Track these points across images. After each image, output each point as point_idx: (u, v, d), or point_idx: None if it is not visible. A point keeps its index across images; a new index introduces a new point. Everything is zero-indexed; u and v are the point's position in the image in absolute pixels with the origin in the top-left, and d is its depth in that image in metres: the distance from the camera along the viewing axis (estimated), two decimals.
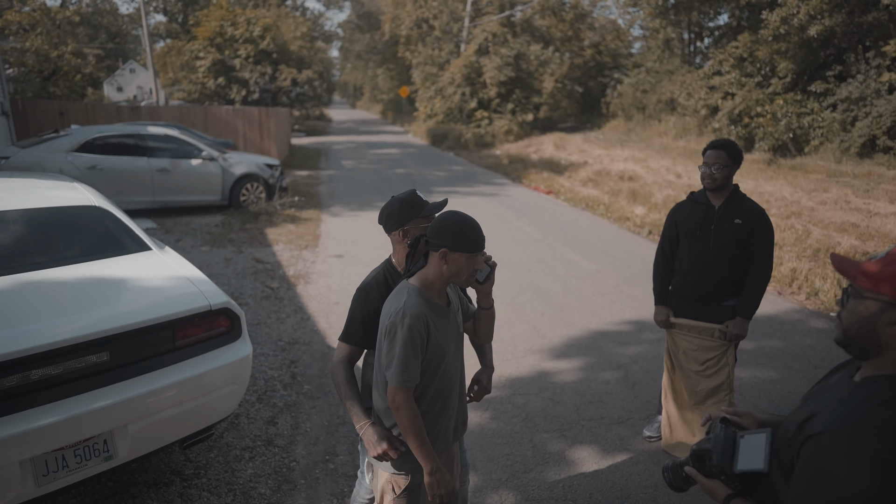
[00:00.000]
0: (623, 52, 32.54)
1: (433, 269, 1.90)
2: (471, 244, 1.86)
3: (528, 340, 5.08)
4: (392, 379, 1.85)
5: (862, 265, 1.20)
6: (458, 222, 1.86)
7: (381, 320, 1.94)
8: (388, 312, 1.89)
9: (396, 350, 1.83)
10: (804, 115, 15.80)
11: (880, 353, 1.19)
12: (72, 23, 31.94)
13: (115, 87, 60.02)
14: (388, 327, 1.85)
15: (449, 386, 2.02)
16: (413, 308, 1.84)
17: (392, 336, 1.84)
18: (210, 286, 3.02)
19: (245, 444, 3.53)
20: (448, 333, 1.98)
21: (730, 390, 3.22)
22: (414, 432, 1.87)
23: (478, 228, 1.89)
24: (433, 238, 1.87)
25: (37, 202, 3.41)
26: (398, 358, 1.83)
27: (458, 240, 1.84)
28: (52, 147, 8.69)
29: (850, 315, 1.23)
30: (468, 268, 1.88)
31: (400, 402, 1.86)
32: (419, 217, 2.10)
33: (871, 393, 1.16)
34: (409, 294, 1.88)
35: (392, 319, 1.85)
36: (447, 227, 1.85)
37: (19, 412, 2.33)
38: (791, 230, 8.79)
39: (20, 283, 2.81)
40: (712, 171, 3.03)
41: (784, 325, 5.49)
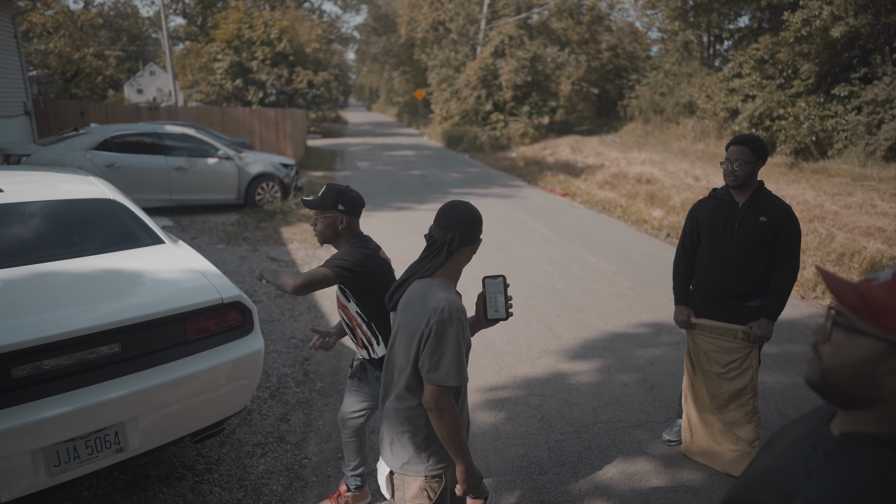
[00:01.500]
0: (641, 55, 32.29)
1: (460, 263, 1.91)
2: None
3: (544, 341, 5.00)
4: (447, 378, 1.73)
5: (861, 289, 0.86)
6: (477, 212, 1.92)
7: (408, 322, 1.81)
8: (427, 312, 1.77)
9: (448, 347, 1.74)
10: (827, 117, 15.52)
11: (875, 406, 0.87)
12: (94, 25, 32.47)
13: (136, 89, 60.87)
14: (435, 327, 1.74)
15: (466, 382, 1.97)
16: (456, 303, 1.80)
17: (441, 335, 1.74)
18: (222, 280, 2.99)
19: (257, 440, 3.49)
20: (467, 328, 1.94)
21: (753, 394, 3.12)
22: (458, 433, 1.80)
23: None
24: (469, 233, 1.87)
25: (53, 194, 3.41)
26: (451, 355, 1.74)
27: (481, 228, 1.92)
28: (72, 145, 8.77)
29: (837, 354, 0.89)
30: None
31: (445, 402, 1.76)
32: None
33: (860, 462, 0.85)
34: (444, 290, 1.83)
35: (438, 318, 1.74)
36: (477, 220, 1.90)
37: (31, 402, 2.31)
38: (814, 234, 8.61)
39: (35, 274, 2.79)
40: (734, 168, 2.94)
41: (808, 329, 5.35)
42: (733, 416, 3.19)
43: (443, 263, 1.86)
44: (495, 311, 1.95)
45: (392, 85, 55.21)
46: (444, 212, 1.88)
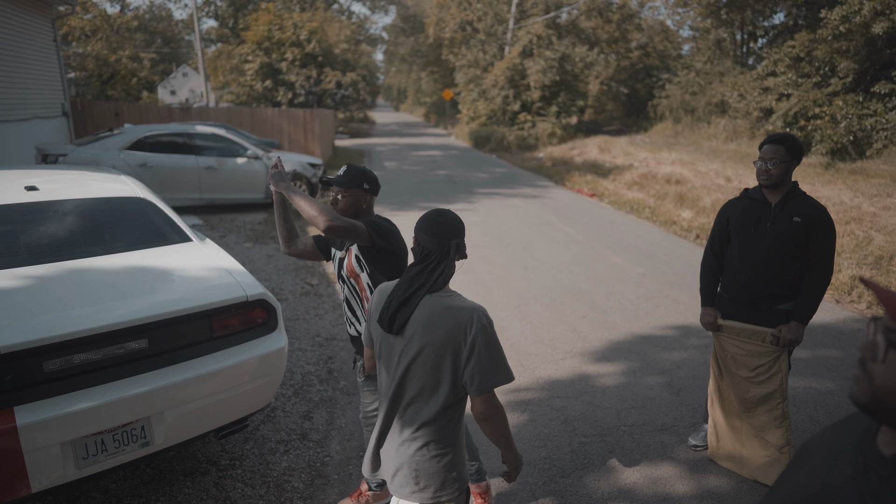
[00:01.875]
0: (671, 54, 31.78)
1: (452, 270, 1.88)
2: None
3: (569, 343, 4.95)
4: (502, 378, 1.76)
5: None
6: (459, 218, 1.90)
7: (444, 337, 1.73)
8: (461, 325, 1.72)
9: (496, 350, 1.75)
10: (866, 116, 15.04)
11: None
12: (130, 28, 33.27)
13: (169, 90, 62.20)
14: (481, 336, 1.71)
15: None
16: (482, 307, 1.81)
17: (489, 342, 1.73)
18: (248, 278, 3.02)
19: (280, 437, 3.53)
20: None
21: (783, 398, 3.04)
22: (508, 429, 1.86)
23: None
24: (461, 240, 1.86)
25: (85, 193, 3.50)
26: (499, 357, 1.76)
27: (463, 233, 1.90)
28: (106, 145, 9.00)
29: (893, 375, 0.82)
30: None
31: (498, 404, 1.80)
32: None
33: None
34: (463, 298, 1.82)
35: (476, 327, 1.71)
36: (461, 227, 1.87)
37: (61, 395, 2.37)
38: (851, 236, 8.37)
39: (65, 271, 2.87)
40: (768, 167, 2.86)
41: (842, 334, 5.20)
42: (762, 420, 3.11)
43: (453, 272, 1.83)
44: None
45: (420, 85, 55.36)
46: (433, 221, 1.82)
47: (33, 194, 3.31)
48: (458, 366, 1.74)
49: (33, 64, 11.73)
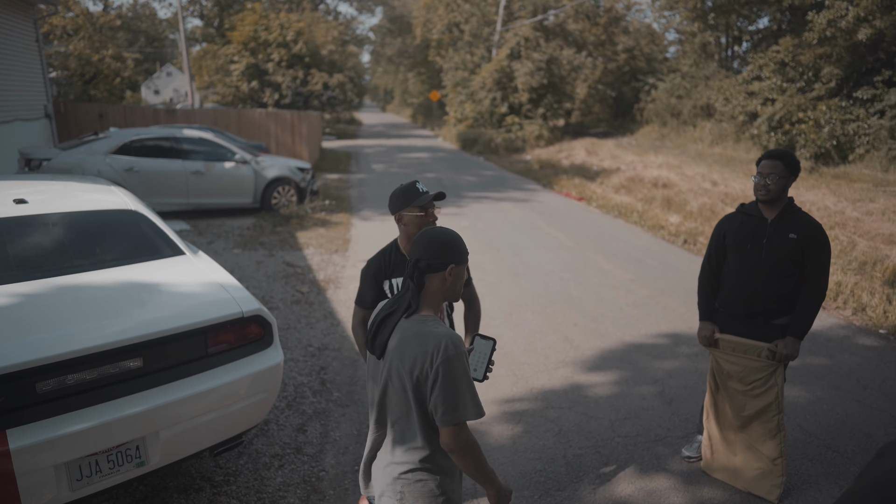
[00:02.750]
0: (658, 57, 32.05)
1: (435, 292, 1.78)
2: (466, 253, 1.84)
3: (561, 352, 4.97)
4: (467, 413, 1.65)
5: None
6: (452, 237, 1.80)
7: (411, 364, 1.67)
8: (427, 353, 1.65)
9: (461, 383, 1.65)
10: (849, 121, 15.29)
11: None
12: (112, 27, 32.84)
13: (153, 89, 61.52)
14: (442, 365, 1.63)
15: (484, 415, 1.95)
16: (454, 336, 1.70)
17: (451, 374, 1.64)
18: (242, 293, 3.00)
19: (274, 451, 3.50)
20: None
21: (778, 411, 3.07)
22: (483, 463, 1.74)
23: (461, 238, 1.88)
24: (437, 259, 1.74)
25: (75, 205, 3.44)
26: (466, 390, 1.65)
27: (458, 252, 1.79)
28: (92, 149, 8.87)
29: None
30: (463, 277, 1.84)
31: (466, 439, 1.68)
32: (412, 206, 2.42)
33: None
34: (437, 325, 1.73)
35: (443, 356, 1.63)
36: (448, 245, 1.77)
37: (55, 416, 2.33)
38: (835, 241, 8.48)
39: (58, 287, 2.82)
40: (767, 182, 2.89)
41: (829, 341, 5.27)
42: (756, 432, 3.14)
43: (417, 294, 1.75)
44: (474, 370, 1.95)
45: (407, 86, 55.32)
46: (419, 238, 1.80)
47: (22, 207, 3.25)
48: (423, 394, 1.68)
49: (14, 65, 11.54)
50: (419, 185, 2.47)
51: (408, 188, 2.46)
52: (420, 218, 2.45)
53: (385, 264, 2.56)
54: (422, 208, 2.44)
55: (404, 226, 2.50)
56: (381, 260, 2.57)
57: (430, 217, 2.48)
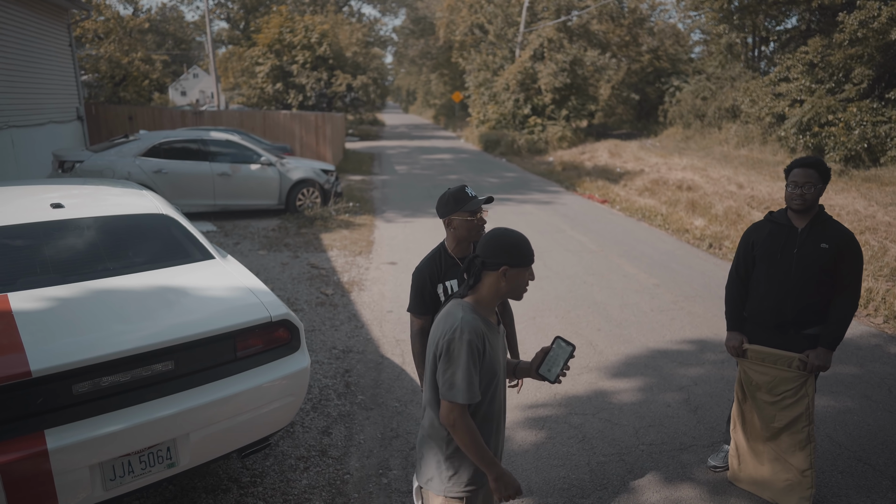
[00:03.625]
0: (682, 58, 31.66)
1: (489, 288, 1.90)
2: (527, 258, 1.90)
3: (585, 357, 4.94)
4: (457, 395, 1.79)
5: None
6: (512, 239, 1.89)
7: (434, 338, 1.89)
8: (442, 331, 1.85)
9: (459, 366, 1.79)
10: (881, 123, 14.92)
11: None
12: (142, 30, 33.49)
13: (180, 91, 62.55)
14: (446, 345, 1.81)
15: (499, 408, 1.99)
16: (471, 324, 1.83)
17: (450, 353, 1.80)
18: (270, 297, 3.04)
19: (300, 453, 3.54)
20: (498, 352, 1.96)
21: (809, 422, 3.02)
22: (476, 445, 1.84)
23: (528, 242, 1.94)
24: (490, 258, 1.87)
25: (109, 210, 3.53)
26: (462, 373, 1.79)
27: (515, 256, 1.87)
28: (122, 152, 9.07)
29: None
30: (525, 280, 1.92)
31: (456, 418, 1.81)
32: (462, 210, 2.47)
33: None
34: (465, 311, 1.87)
35: (449, 336, 1.81)
36: (503, 245, 1.87)
37: (90, 418, 2.39)
38: (866, 247, 8.30)
39: (92, 291, 2.90)
40: (803, 192, 2.84)
41: (860, 350, 5.16)
42: (786, 443, 3.10)
43: (470, 287, 1.91)
44: (548, 370, 2.04)
45: (429, 87, 55.46)
46: (483, 236, 1.92)
47: (59, 212, 3.35)
48: (435, 367, 1.88)
49: (49, 68, 11.84)
50: (468, 190, 2.52)
51: (457, 193, 2.50)
52: (469, 222, 2.50)
53: (436, 268, 2.60)
54: (471, 213, 2.48)
55: (454, 229, 2.55)
56: (432, 264, 2.61)
57: (478, 221, 2.52)
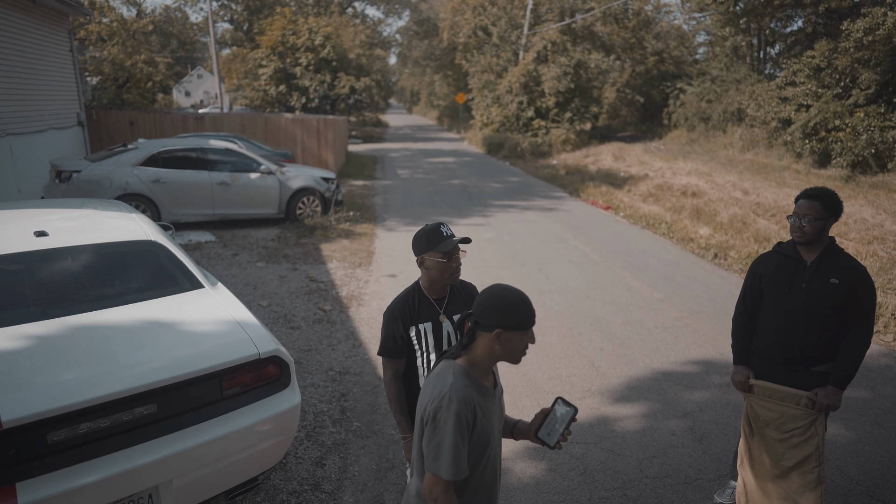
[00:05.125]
0: (687, 60, 31.44)
1: (483, 350, 1.76)
2: (524, 321, 1.74)
3: (587, 380, 4.82)
4: (441, 470, 1.65)
5: None
6: (509, 300, 1.73)
7: (423, 402, 1.76)
8: (432, 395, 1.72)
9: (445, 438, 1.66)
10: (888, 128, 14.73)
11: None
12: (145, 32, 33.46)
13: (184, 92, 62.66)
14: (432, 413, 1.69)
15: (491, 477, 1.85)
16: (460, 392, 1.69)
17: (436, 423, 1.67)
18: (260, 331, 2.93)
19: (292, 487, 3.43)
20: (493, 418, 1.82)
21: (819, 462, 2.89)
22: None
23: (529, 304, 1.76)
24: (484, 318, 1.73)
25: (94, 237, 3.42)
26: (448, 447, 1.66)
27: (511, 318, 1.72)
28: (120, 161, 8.98)
29: None
30: (522, 345, 1.76)
31: (439, 493, 1.68)
32: (435, 250, 2.30)
33: None
34: (455, 376, 1.73)
35: (436, 404, 1.68)
36: (499, 307, 1.72)
37: (67, 467, 2.29)
38: (874, 258, 8.15)
39: (73, 327, 2.79)
40: (802, 224, 2.72)
41: (870, 371, 5.02)
42: (795, 484, 2.96)
43: (463, 347, 1.78)
44: (548, 434, 1.88)
45: (433, 88, 55.34)
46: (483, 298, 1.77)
47: (43, 241, 3.24)
48: (421, 433, 1.75)
49: (49, 74, 11.77)
50: (443, 228, 2.35)
51: (431, 232, 2.34)
52: (442, 264, 2.33)
53: (409, 309, 2.42)
54: (444, 254, 2.32)
55: (426, 269, 2.38)
56: (405, 305, 2.43)
57: (453, 262, 2.35)
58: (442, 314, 2.45)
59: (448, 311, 2.47)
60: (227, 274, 7.34)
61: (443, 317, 2.45)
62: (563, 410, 1.85)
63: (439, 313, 2.45)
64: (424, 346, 2.44)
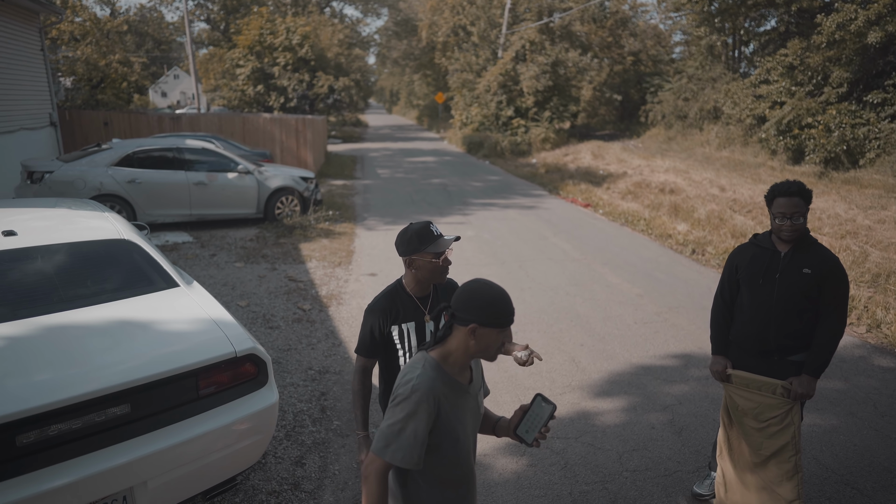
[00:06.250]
0: (664, 59, 31.80)
1: (457, 344, 1.74)
2: (502, 319, 1.71)
3: (568, 375, 4.84)
4: (377, 446, 1.66)
5: None
6: (489, 297, 1.70)
7: (395, 386, 1.76)
8: (399, 382, 1.73)
9: (396, 421, 1.66)
10: (859, 125, 15.04)
11: None
12: (120, 32, 32.93)
13: (160, 92, 61.74)
14: (394, 398, 1.70)
15: (464, 474, 1.83)
16: (425, 383, 1.68)
17: (395, 407, 1.68)
18: (236, 330, 2.89)
19: (272, 487, 3.39)
20: (464, 414, 1.80)
21: (796, 451, 2.93)
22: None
23: (508, 301, 1.73)
24: (461, 312, 1.70)
25: (66, 236, 3.35)
26: (395, 430, 1.66)
27: (488, 315, 1.69)
28: (94, 161, 8.82)
29: None
30: (497, 342, 1.73)
31: (371, 473, 1.67)
32: (426, 251, 2.26)
33: None
34: (425, 367, 1.72)
35: (401, 390, 1.69)
36: (477, 302, 1.69)
37: (36, 471, 2.23)
38: (846, 251, 8.31)
39: (44, 328, 2.73)
40: (793, 223, 2.74)
41: (844, 362, 5.12)
42: (773, 473, 3.01)
43: (438, 340, 1.77)
44: (526, 431, 1.85)
45: (412, 88, 55.31)
46: (462, 293, 1.75)
47: (11, 240, 3.16)
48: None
49: (19, 74, 11.51)
50: (433, 228, 2.29)
51: (421, 231, 2.27)
52: (433, 264, 2.28)
53: (391, 307, 2.37)
54: (436, 254, 2.26)
55: (415, 270, 2.32)
56: (387, 303, 2.37)
57: (443, 262, 2.30)
58: (427, 314, 2.41)
59: (433, 311, 2.44)
60: (205, 274, 7.25)
61: (428, 317, 2.41)
62: (541, 407, 1.84)
63: (424, 313, 2.41)
64: (407, 345, 2.40)
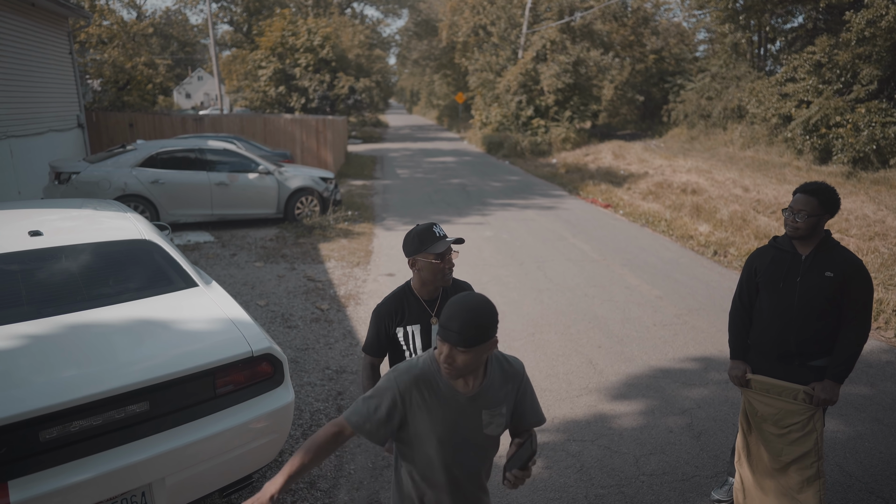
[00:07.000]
0: (687, 57, 31.39)
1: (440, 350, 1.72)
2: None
3: (584, 377, 4.81)
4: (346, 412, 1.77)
5: None
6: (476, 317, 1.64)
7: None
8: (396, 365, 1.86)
9: (370, 393, 1.78)
10: (890, 124, 14.69)
11: None
12: (145, 35, 33.51)
13: (184, 94, 62.69)
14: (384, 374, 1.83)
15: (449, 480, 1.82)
16: (410, 372, 1.75)
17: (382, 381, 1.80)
18: (253, 329, 2.92)
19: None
20: (446, 422, 1.75)
21: (818, 457, 2.87)
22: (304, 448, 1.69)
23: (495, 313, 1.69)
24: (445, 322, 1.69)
25: (89, 236, 3.42)
26: (365, 398, 1.77)
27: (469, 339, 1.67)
28: (119, 162, 8.99)
29: None
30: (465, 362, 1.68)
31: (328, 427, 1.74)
32: (427, 251, 2.27)
33: None
34: (423, 361, 1.79)
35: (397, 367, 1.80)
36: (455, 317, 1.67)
37: (59, 465, 2.28)
38: (874, 254, 8.13)
39: (67, 326, 2.79)
40: (795, 219, 2.70)
41: (870, 367, 5.00)
42: (794, 479, 2.95)
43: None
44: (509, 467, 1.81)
45: (433, 88, 55.35)
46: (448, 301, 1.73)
47: (37, 240, 3.24)
48: None
49: (49, 77, 11.78)
50: (436, 229, 2.30)
51: (424, 232, 2.29)
52: (434, 265, 2.29)
53: (398, 309, 2.38)
54: (437, 255, 2.28)
55: (418, 270, 2.34)
56: (394, 305, 2.39)
57: (446, 264, 2.31)
58: (433, 317, 2.41)
59: (440, 314, 2.44)
60: (226, 274, 7.34)
61: (434, 319, 2.41)
62: (523, 448, 1.79)
63: (430, 315, 2.41)
64: (412, 347, 2.41)
